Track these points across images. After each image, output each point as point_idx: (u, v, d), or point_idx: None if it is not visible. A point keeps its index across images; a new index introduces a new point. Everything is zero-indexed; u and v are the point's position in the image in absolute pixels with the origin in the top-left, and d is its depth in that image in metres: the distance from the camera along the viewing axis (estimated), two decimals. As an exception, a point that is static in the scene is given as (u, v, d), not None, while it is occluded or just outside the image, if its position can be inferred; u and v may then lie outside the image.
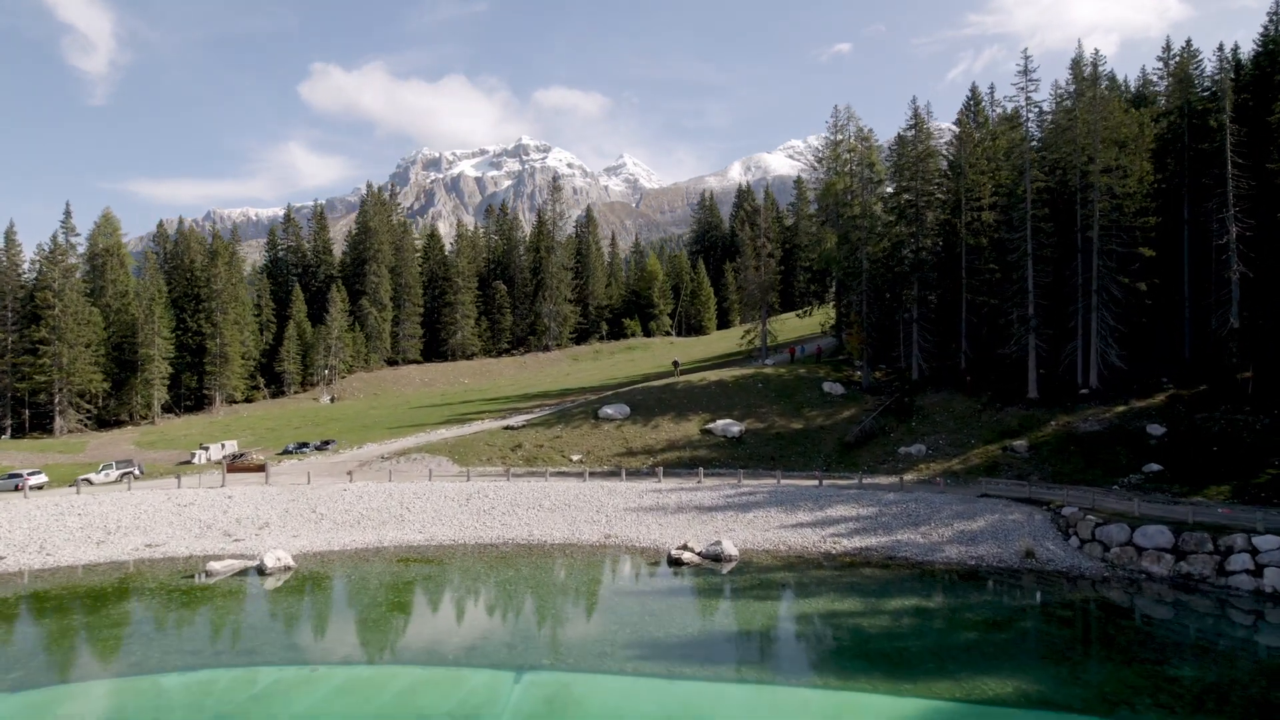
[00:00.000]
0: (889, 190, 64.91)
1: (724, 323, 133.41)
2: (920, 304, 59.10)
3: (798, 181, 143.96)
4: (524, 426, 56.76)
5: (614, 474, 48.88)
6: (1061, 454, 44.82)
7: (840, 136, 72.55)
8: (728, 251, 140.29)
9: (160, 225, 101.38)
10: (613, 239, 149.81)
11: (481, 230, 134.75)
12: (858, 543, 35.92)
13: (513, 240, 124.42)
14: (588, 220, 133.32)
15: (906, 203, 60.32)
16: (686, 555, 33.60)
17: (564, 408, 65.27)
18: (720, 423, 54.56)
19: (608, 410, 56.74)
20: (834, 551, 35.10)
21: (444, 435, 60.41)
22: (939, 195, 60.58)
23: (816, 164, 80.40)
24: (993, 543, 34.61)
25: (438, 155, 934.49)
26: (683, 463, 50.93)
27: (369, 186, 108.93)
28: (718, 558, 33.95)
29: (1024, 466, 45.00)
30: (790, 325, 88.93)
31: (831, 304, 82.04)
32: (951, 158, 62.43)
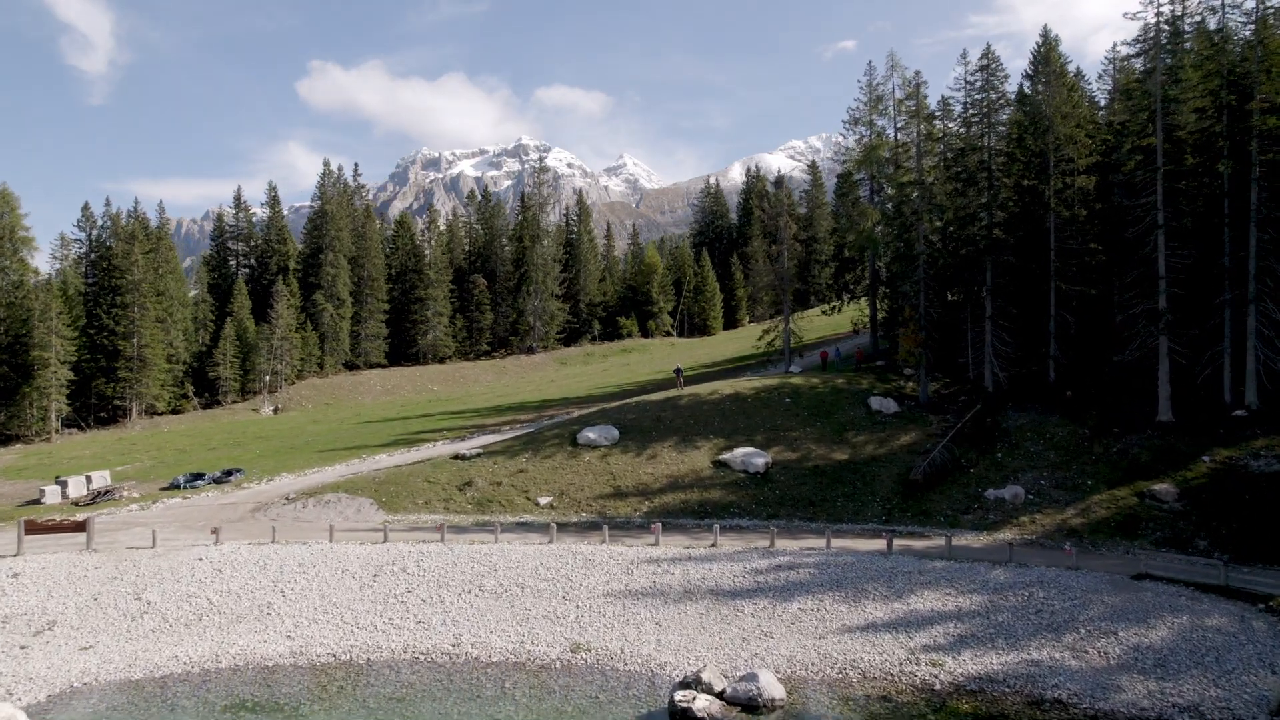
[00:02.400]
0: (946, 153, 51.36)
1: (731, 322, 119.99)
2: (995, 296, 45.63)
3: (812, 166, 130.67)
4: (479, 456, 43.21)
5: (594, 527, 35.39)
6: (1233, 506, 31.29)
7: (882, 90, 59.25)
8: (734, 244, 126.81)
9: (85, 209, 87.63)
10: (608, 229, 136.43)
11: (461, 219, 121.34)
12: (971, 664, 22.44)
13: (494, 229, 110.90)
14: (580, 209, 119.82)
15: (977, 164, 46.80)
16: (700, 702, 20.06)
17: (540, 426, 51.93)
18: (739, 452, 41.04)
19: (590, 434, 43.19)
20: (939, 685, 21.61)
21: (382, 463, 46.96)
22: (1018, 156, 47.05)
23: (847, 130, 66.79)
24: (1202, 675, 21.11)
25: (437, 155, 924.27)
26: (689, 509, 37.44)
27: (325, 165, 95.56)
28: (752, 704, 20.46)
29: (1178, 524, 31.51)
30: (817, 324, 75.31)
31: (865, 298, 68.56)
32: (1031, 108, 48.80)
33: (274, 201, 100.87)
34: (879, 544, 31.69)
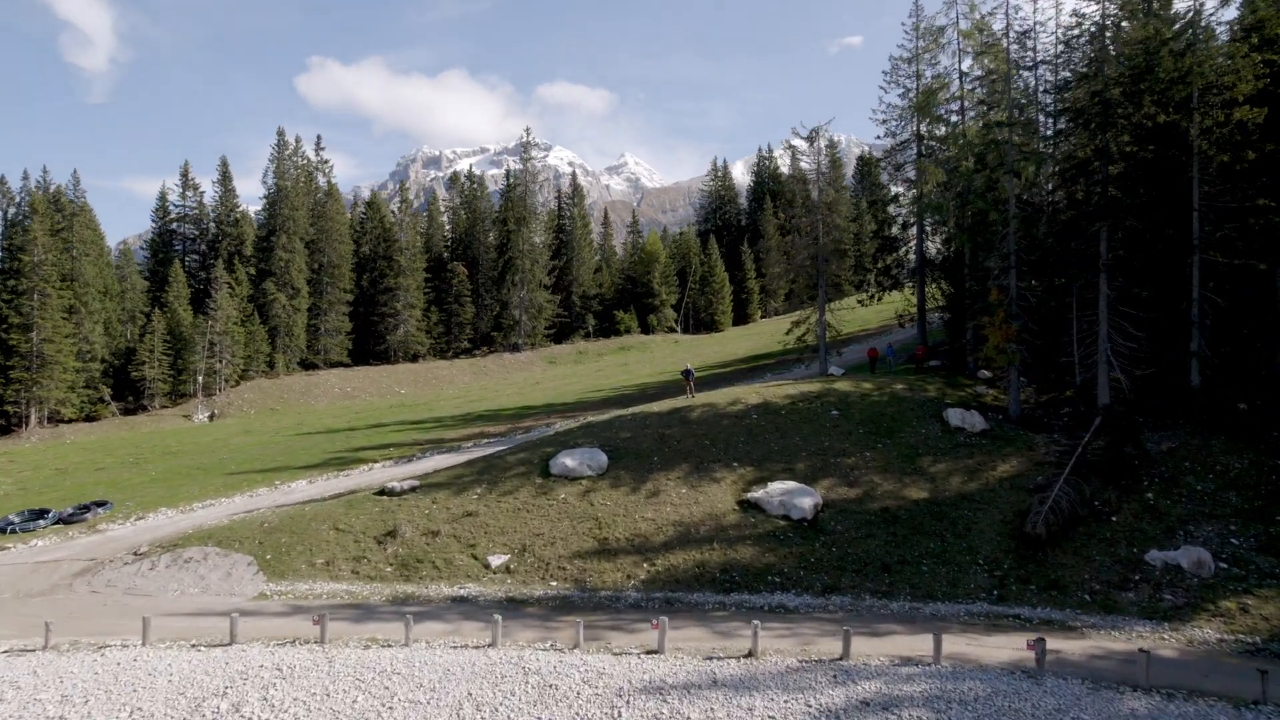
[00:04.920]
0: (1041, 87, 39.54)
1: (740, 317, 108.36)
2: (1113, 273, 33.79)
3: (830, 146, 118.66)
4: (415, 490, 31.35)
5: (565, 606, 23.70)
6: None
7: (941, 22, 47.44)
8: (744, 232, 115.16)
9: (1, 182, 75.86)
10: (604, 216, 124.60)
11: (444, 200, 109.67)
12: None
13: (478, 212, 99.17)
14: (573, 190, 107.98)
15: (1090, 97, 34.79)
16: None
17: (510, 445, 40.54)
18: (775, 488, 29.18)
19: (567, 461, 31.31)
20: None
21: (294, 494, 35.39)
22: (1146, 86, 35.06)
23: (888, 83, 55.32)
24: None
25: (438, 154, 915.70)
26: (707, 578, 25.58)
27: (280, 135, 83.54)
28: None
29: None
30: (851, 316, 63.25)
31: (909, 286, 56.66)
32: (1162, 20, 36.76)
33: (225, 179, 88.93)
34: (1011, 647, 20.01)
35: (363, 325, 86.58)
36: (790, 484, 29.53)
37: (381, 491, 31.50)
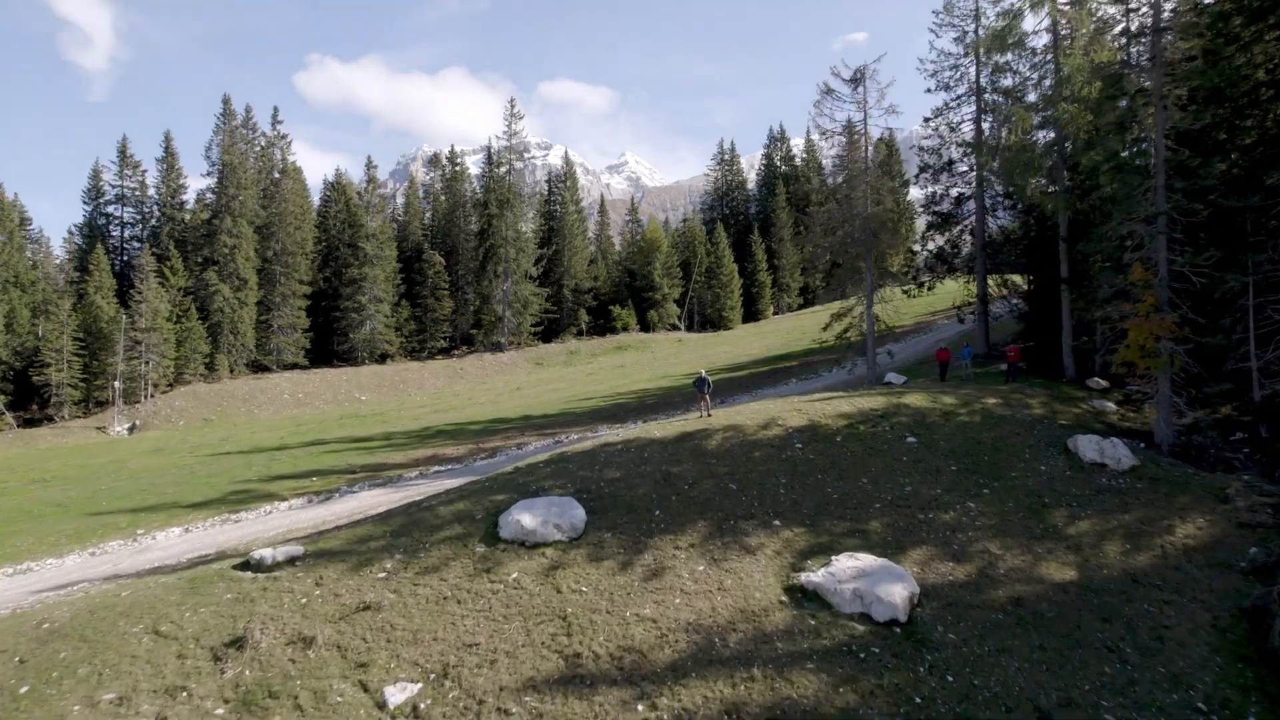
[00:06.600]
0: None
1: (750, 314, 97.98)
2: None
3: (848, 126, 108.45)
4: (290, 564, 20.86)
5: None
6: None
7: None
8: (753, 222, 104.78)
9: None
10: (601, 204, 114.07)
11: (422, 187, 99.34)
12: None
13: (458, 196, 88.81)
14: (565, 174, 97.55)
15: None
16: None
17: (462, 480, 30.34)
18: (844, 566, 18.72)
19: (524, 520, 20.78)
20: None
21: (153, 551, 25.30)
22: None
23: (939, 25, 45.86)
24: None
25: (438, 153, 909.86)
26: (747, 741, 15.03)
27: (225, 104, 72.97)
28: None
29: None
30: (909, 308, 52.49)
31: (963, 273, 46.18)
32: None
33: (169, 156, 78.38)
34: None
35: (324, 322, 76.27)
36: (865, 558, 19.07)
37: (245, 564, 21.02)
